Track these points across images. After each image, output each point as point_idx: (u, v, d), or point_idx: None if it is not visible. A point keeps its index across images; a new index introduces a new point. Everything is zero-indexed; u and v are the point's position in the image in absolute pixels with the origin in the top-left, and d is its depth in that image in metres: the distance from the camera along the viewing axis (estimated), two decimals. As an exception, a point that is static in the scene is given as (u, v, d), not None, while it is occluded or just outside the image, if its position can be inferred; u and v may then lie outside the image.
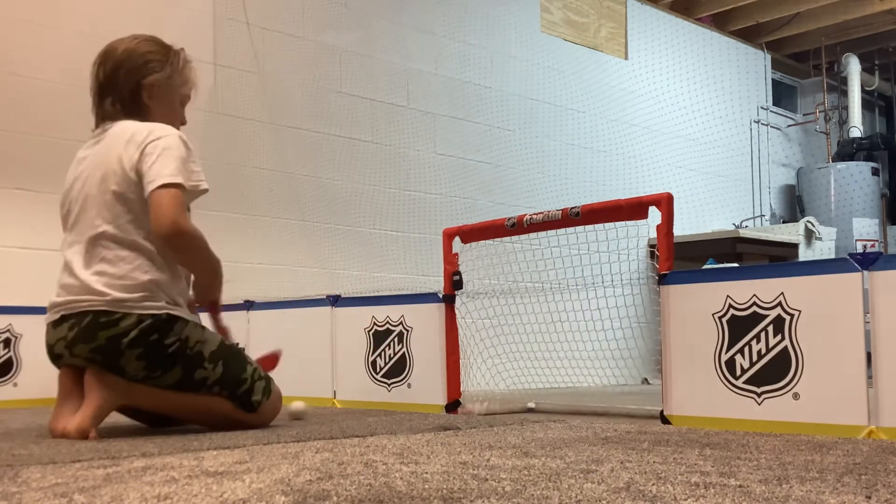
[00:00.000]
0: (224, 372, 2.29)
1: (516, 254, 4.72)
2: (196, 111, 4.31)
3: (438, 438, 2.06)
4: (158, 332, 2.19)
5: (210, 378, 2.27)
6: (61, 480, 1.38)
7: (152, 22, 4.12)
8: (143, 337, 2.17)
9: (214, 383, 2.28)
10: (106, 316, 2.17)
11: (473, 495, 1.22)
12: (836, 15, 7.21)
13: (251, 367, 2.38)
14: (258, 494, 1.23)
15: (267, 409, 2.39)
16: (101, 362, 2.18)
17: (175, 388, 2.25)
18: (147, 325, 2.18)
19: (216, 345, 2.31)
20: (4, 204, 3.68)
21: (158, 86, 2.38)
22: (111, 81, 2.34)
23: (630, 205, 2.68)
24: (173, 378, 2.23)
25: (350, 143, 4.78)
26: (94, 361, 2.18)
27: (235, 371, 2.33)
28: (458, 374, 3.01)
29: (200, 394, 2.28)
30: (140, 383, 2.22)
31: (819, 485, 1.31)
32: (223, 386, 2.29)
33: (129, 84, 2.34)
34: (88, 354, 2.18)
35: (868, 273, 2.08)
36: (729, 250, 5.90)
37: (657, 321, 2.48)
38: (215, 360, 2.28)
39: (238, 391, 2.31)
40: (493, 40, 5.61)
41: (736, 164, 7.44)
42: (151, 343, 2.18)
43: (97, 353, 2.17)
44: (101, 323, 2.17)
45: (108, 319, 2.16)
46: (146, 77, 2.35)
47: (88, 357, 2.18)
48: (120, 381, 2.19)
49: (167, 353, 2.21)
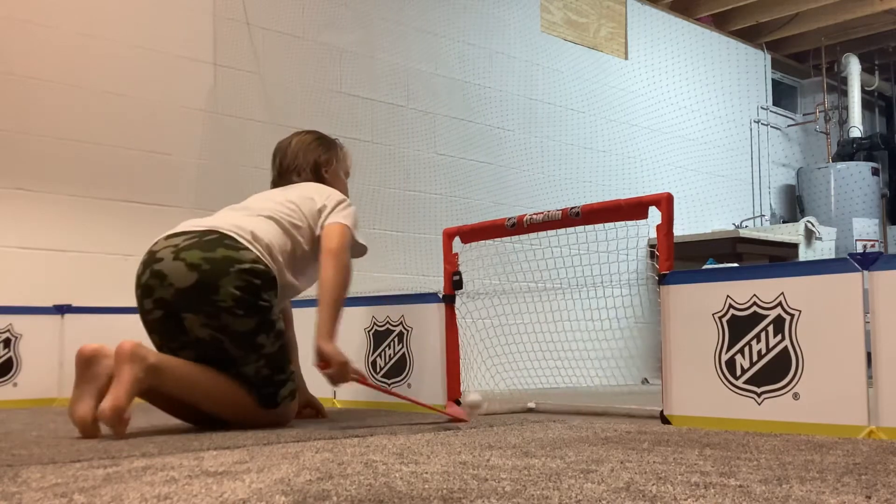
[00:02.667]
0: (278, 351, 2.42)
1: (516, 254, 4.72)
2: (196, 111, 4.33)
3: (438, 438, 2.06)
4: (263, 282, 2.35)
5: (266, 348, 2.38)
6: (61, 480, 1.38)
7: (152, 22, 4.13)
8: (251, 275, 2.32)
9: (266, 356, 2.38)
10: (231, 241, 2.36)
11: (473, 495, 1.22)
12: (836, 15, 7.21)
13: (292, 366, 2.52)
14: (258, 494, 1.23)
15: (288, 410, 2.48)
16: (206, 273, 2.27)
17: (236, 337, 2.32)
18: (260, 269, 2.34)
19: (283, 328, 2.47)
20: (4, 204, 3.68)
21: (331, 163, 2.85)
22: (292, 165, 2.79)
23: (630, 205, 2.68)
24: (245, 325, 2.32)
25: (350, 143, 4.76)
26: (196, 269, 2.27)
27: (285, 357, 2.46)
28: (458, 374, 3.01)
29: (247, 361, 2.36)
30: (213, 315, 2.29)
31: (819, 485, 1.31)
32: (269, 362, 2.40)
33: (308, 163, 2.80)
34: (198, 261, 2.29)
35: (868, 273, 2.08)
36: (729, 250, 5.90)
37: (657, 321, 2.48)
38: (279, 337, 2.42)
39: (276, 377, 2.42)
40: (493, 40, 5.61)
41: (736, 164, 7.44)
42: (253, 286, 2.32)
43: (207, 263, 2.29)
44: (225, 243, 2.35)
45: (232, 244, 2.35)
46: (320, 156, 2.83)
47: (195, 263, 2.28)
48: (148, 357, 2.19)
49: (257, 304, 2.33)
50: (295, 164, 2.80)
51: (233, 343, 2.34)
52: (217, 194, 2.37)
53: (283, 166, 2.82)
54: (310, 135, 2.89)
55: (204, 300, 2.29)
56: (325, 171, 2.83)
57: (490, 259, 4.17)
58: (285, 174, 2.81)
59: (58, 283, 3.74)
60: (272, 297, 2.40)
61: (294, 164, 2.80)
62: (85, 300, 3.70)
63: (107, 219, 3.91)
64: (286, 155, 2.83)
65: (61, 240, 3.80)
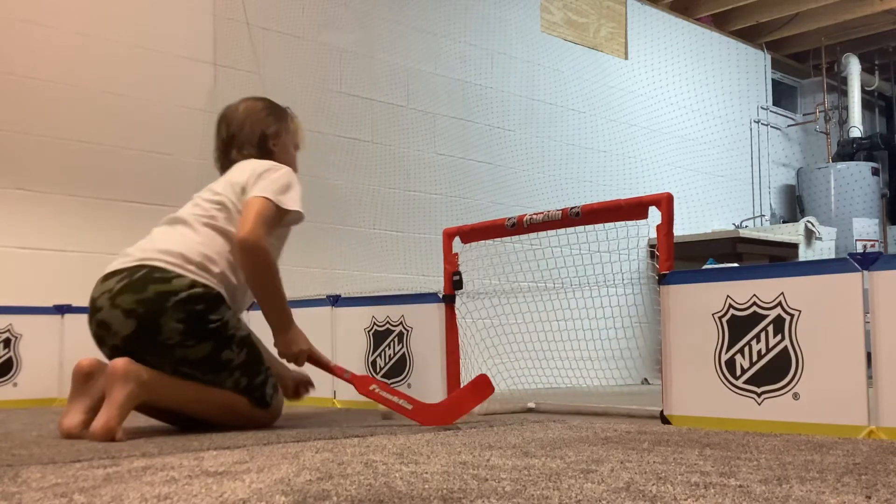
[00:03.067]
0: (247, 358, 2.35)
1: (516, 254, 4.71)
2: (196, 111, 4.32)
3: (438, 438, 2.06)
4: (206, 304, 2.25)
5: (235, 361, 2.32)
6: (61, 480, 1.38)
7: (152, 22, 4.13)
8: (190, 303, 2.23)
9: (237, 367, 2.32)
10: (161, 272, 2.24)
11: (473, 495, 1.22)
12: (836, 15, 7.21)
13: (265, 364, 2.44)
14: (258, 494, 1.23)
15: (277, 405, 2.45)
16: (142, 315, 2.18)
17: (199, 364, 2.26)
18: (197, 293, 2.24)
19: (245, 333, 2.40)
20: (4, 204, 3.68)
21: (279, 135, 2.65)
22: (237, 137, 2.60)
23: (630, 205, 2.68)
24: (202, 352, 2.25)
25: (350, 143, 4.78)
26: (133, 315, 2.19)
27: (255, 361, 2.39)
28: (458, 374, 3.01)
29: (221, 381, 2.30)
30: (166, 353, 2.21)
31: (819, 485, 1.31)
32: (244, 371, 2.34)
33: (255, 135, 2.60)
34: (132, 305, 2.20)
35: (868, 273, 2.08)
36: (729, 250, 5.90)
37: (657, 321, 2.47)
38: (242, 346, 2.34)
39: (255, 380, 2.37)
40: (493, 40, 5.61)
41: (736, 164, 7.44)
42: (196, 312, 2.23)
43: (141, 306, 2.19)
44: (154, 277, 2.23)
45: (162, 276, 2.23)
46: (269, 128, 2.63)
47: (130, 309, 2.20)
48: (141, 374, 2.16)
49: (206, 328, 2.25)
50: (240, 136, 2.59)
51: (198, 370, 2.28)
52: None
53: (228, 136, 2.61)
54: (259, 102, 2.69)
55: (151, 342, 2.21)
56: (272, 144, 2.62)
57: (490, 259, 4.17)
58: (228, 148, 2.61)
59: (58, 283, 3.74)
60: (223, 313, 2.30)
61: (239, 135, 2.59)
62: (85, 300, 3.67)
63: (107, 219, 3.91)
64: (232, 123, 2.62)
65: (61, 240, 3.80)
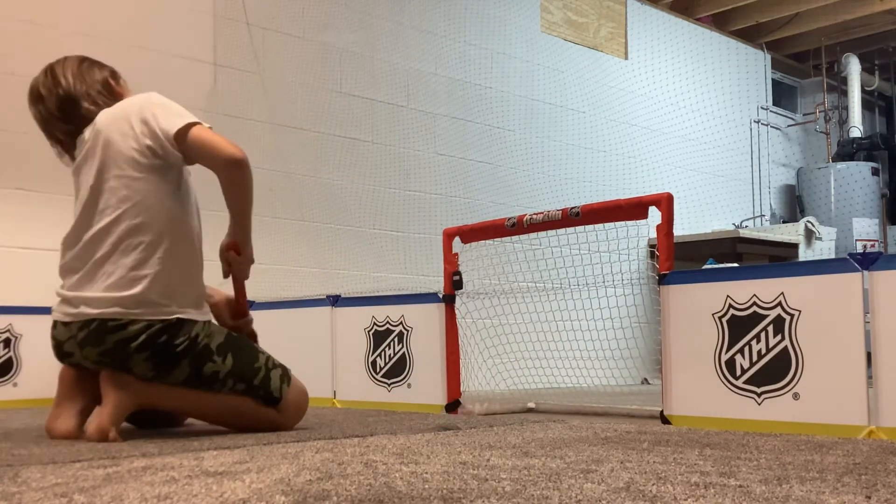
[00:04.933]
0: (235, 363, 2.24)
1: (516, 254, 4.72)
2: (196, 111, 4.30)
3: (438, 438, 2.06)
4: (167, 333, 2.15)
5: (222, 371, 2.21)
6: (61, 480, 1.38)
7: (152, 22, 4.13)
8: (152, 340, 2.13)
9: (227, 375, 2.22)
10: (114, 321, 2.13)
11: (473, 495, 1.22)
12: (836, 15, 7.21)
13: (263, 356, 2.32)
14: (258, 494, 1.23)
15: (291, 400, 2.32)
16: (111, 364, 2.15)
17: (187, 384, 2.20)
18: (156, 329, 2.14)
19: (223, 337, 2.26)
20: (4, 204, 3.68)
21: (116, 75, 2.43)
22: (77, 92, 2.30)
23: (630, 205, 2.68)
24: (182, 374, 2.18)
25: (350, 143, 4.78)
26: (103, 364, 2.16)
27: (246, 360, 2.27)
28: (458, 374, 3.01)
29: (219, 392, 2.23)
30: (152, 382, 2.19)
31: (819, 485, 1.31)
32: (237, 378, 2.24)
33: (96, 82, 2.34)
34: (97, 358, 2.15)
35: (868, 273, 2.08)
36: (729, 250, 5.90)
37: (657, 321, 2.48)
38: (223, 352, 2.23)
39: (254, 381, 2.26)
40: (493, 40, 5.61)
41: (736, 164, 7.44)
42: (160, 345, 2.14)
43: (106, 357, 2.15)
44: (109, 327, 2.13)
45: (116, 324, 2.13)
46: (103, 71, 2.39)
47: (97, 360, 2.16)
48: (135, 380, 2.16)
49: (175, 353, 2.16)
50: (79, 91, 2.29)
51: (188, 387, 2.21)
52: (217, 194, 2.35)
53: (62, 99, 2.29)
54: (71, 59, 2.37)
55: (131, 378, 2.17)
56: (116, 85, 2.39)
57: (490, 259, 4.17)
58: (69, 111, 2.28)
59: (58, 283, 3.73)
60: (189, 330, 2.18)
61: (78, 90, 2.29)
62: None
63: (107, 219, 3.91)
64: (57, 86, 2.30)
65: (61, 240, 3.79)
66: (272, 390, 2.29)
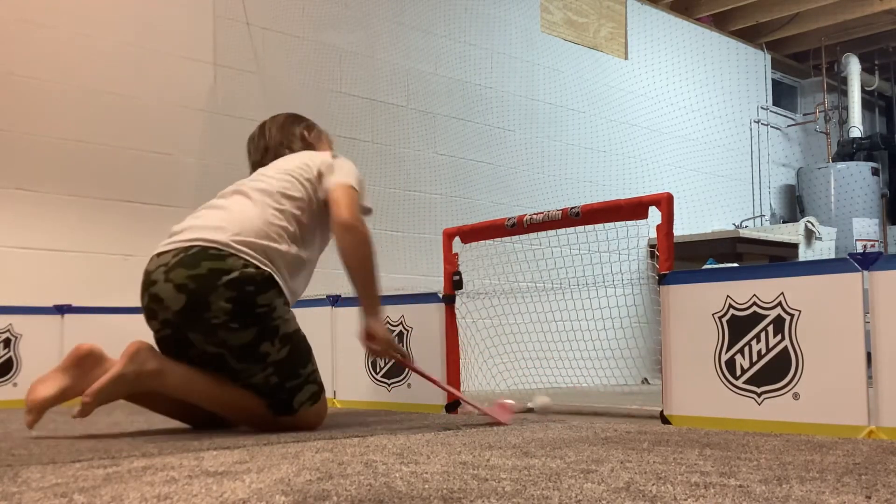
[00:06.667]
0: (287, 357, 2.28)
1: (516, 254, 4.72)
2: (196, 111, 4.33)
3: (438, 438, 2.06)
4: (256, 286, 2.21)
5: (272, 356, 2.25)
6: (61, 480, 1.38)
7: (152, 22, 4.13)
8: (242, 283, 2.19)
9: (272, 364, 2.26)
10: (216, 251, 2.22)
11: (473, 495, 1.22)
12: (836, 15, 7.21)
13: (311, 367, 2.36)
14: (258, 494, 1.23)
15: (309, 415, 2.33)
16: (193, 291, 2.17)
17: (237, 351, 2.22)
18: (250, 273, 2.21)
19: (293, 329, 2.32)
20: (4, 204, 3.68)
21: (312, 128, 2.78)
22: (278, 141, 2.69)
23: (630, 205, 2.68)
24: (244, 338, 2.21)
25: (350, 143, 4.78)
26: (184, 290, 2.18)
27: (296, 362, 2.31)
28: (458, 374, 3.02)
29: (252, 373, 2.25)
30: (210, 332, 2.19)
31: (819, 485, 1.31)
32: (278, 369, 2.26)
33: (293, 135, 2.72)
34: (184, 280, 2.18)
35: (868, 273, 2.08)
36: (729, 250, 5.90)
37: (657, 321, 2.48)
38: (285, 341, 2.28)
39: (287, 383, 2.29)
40: (493, 40, 5.61)
41: (736, 164, 7.44)
42: (246, 294, 2.20)
43: (193, 281, 2.18)
44: (209, 254, 2.21)
45: (217, 253, 2.21)
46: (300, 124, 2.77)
47: (182, 284, 2.18)
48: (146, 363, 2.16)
49: (253, 312, 2.21)
50: (280, 140, 2.69)
51: (234, 357, 2.24)
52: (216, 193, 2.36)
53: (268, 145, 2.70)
54: (280, 115, 2.81)
55: (198, 319, 2.20)
56: (311, 137, 2.75)
57: (490, 259, 4.17)
58: (270, 152, 2.68)
59: (58, 283, 3.74)
60: (273, 299, 2.25)
61: (279, 140, 2.70)
62: (85, 300, 3.70)
63: (107, 219, 3.91)
64: (265, 135, 2.73)
65: (61, 240, 3.80)
66: (294, 401, 2.31)
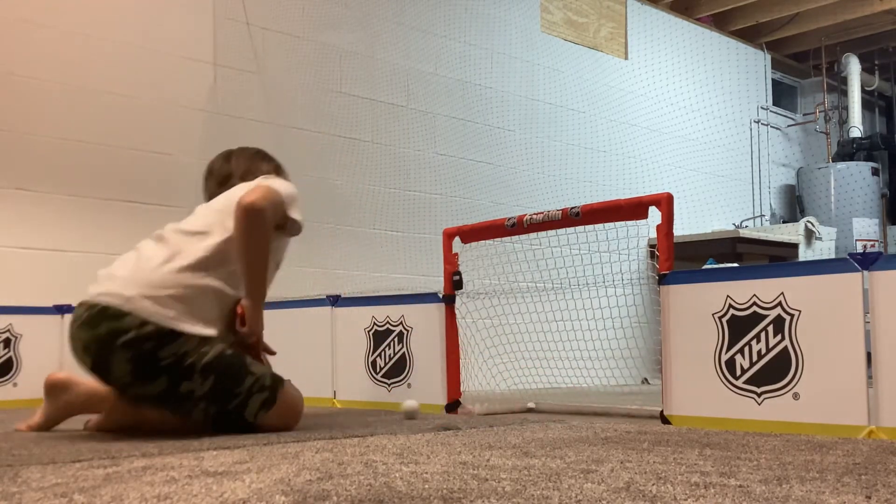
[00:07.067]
0: (214, 385, 2.18)
1: (516, 254, 4.72)
2: (196, 111, 4.33)
3: (438, 438, 2.06)
4: (156, 342, 2.14)
5: (197, 392, 2.17)
6: (61, 480, 1.38)
7: (152, 22, 4.13)
8: (139, 342, 2.13)
9: (201, 398, 2.18)
10: (115, 309, 2.16)
11: (473, 495, 1.22)
12: (836, 15, 7.21)
13: (250, 379, 2.23)
14: (258, 494, 1.23)
15: (270, 418, 2.24)
16: (95, 353, 2.17)
17: (160, 399, 2.20)
18: (147, 331, 2.14)
19: (213, 356, 2.19)
20: (4, 204, 3.68)
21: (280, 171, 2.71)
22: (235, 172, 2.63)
23: (630, 205, 2.68)
24: (158, 387, 2.17)
25: (350, 143, 4.78)
26: (88, 351, 2.18)
27: (228, 386, 2.20)
28: (458, 374, 3.02)
29: (188, 412, 2.21)
30: (123, 389, 2.22)
31: (819, 485, 1.31)
32: (210, 401, 2.19)
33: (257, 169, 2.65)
34: (88, 341, 2.18)
35: (868, 273, 2.08)
36: (729, 250, 5.90)
37: (657, 321, 2.47)
38: (207, 373, 2.17)
39: (228, 406, 2.21)
40: (493, 40, 5.61)
41: (736, 164, 7.44)
42: (144, 352, 2.13)
43: (95, 342, 2.16)
44: (107, 315, 2.16)
45: (115, 312, 2.16)
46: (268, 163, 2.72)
47: (87, 345, 2.18)
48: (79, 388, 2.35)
49: (157, 366, 2.14)
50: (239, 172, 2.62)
51: (159, 403, 2.22)
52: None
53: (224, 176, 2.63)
54: (250, 149, 2.75)
55: (109, 378, 2.21)
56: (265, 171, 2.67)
57: (490, 259, 4.17)
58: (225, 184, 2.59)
59: (58, 283, 3.74)
60: (179, 348, 2.15)
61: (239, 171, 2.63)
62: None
63: (107, 219, 3.91)
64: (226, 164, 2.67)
65: (61, 240, 3.80)
66: (246, 416, 2.23)
